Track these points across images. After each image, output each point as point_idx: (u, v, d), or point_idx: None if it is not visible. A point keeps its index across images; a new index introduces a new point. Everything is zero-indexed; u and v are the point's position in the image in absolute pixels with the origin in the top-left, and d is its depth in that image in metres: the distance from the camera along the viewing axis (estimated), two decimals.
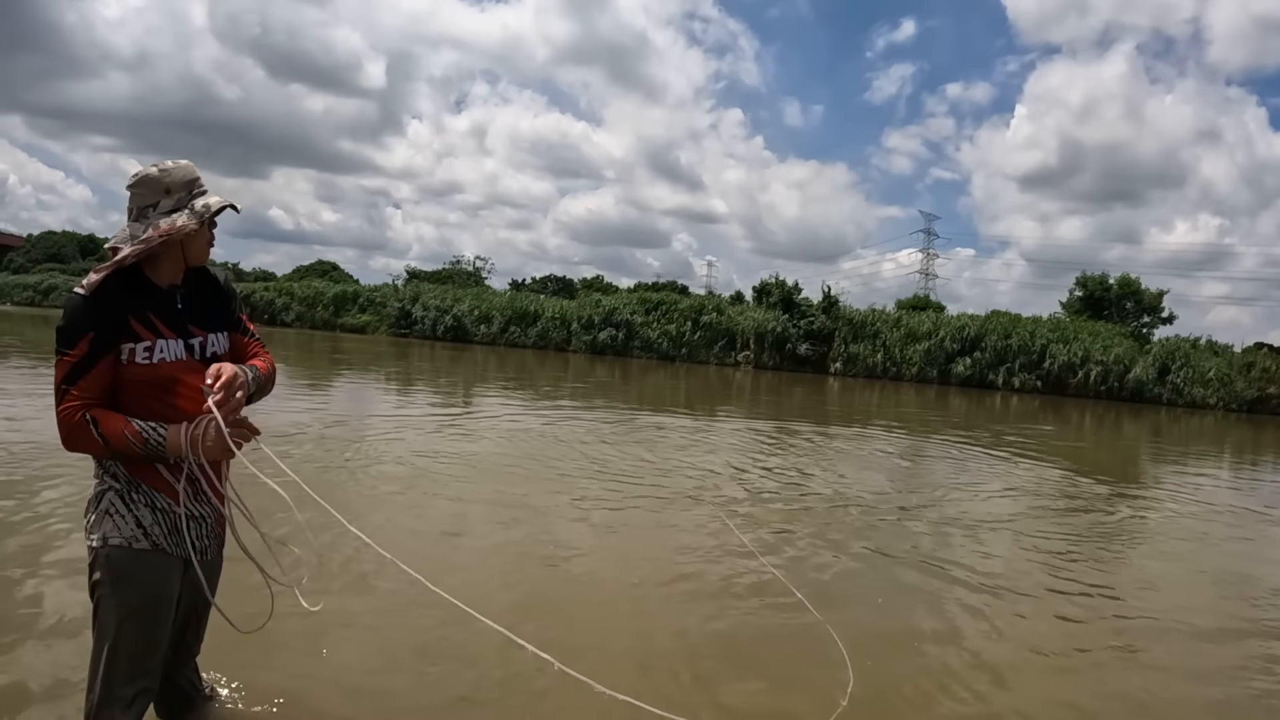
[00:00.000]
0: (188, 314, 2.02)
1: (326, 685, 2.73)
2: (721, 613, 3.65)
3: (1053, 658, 3.40)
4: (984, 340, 26.51)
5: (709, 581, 4.07)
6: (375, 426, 8.44)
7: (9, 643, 2.86)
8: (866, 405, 17.71)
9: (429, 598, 3.10)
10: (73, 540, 3.79)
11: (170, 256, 1.99)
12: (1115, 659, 3.46)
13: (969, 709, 2.87)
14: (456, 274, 48.23)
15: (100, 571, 1.94)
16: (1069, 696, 3.02)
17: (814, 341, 28.16)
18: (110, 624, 1.93)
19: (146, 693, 2.04)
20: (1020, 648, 3.48)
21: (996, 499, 6.92)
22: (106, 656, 1.93)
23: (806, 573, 4.30)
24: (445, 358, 24.63)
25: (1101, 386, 24.94)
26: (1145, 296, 31.04)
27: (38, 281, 50.42)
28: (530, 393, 14.78)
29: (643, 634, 3.35)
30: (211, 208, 1.98)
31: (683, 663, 3.10)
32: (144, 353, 1.90)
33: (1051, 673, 3.28)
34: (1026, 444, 11.40)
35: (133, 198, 1.96)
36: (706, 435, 10.00)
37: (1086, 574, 4.70)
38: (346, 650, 3.01)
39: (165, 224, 1.93)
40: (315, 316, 40.14)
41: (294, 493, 1.97)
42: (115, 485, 1.95)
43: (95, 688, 1.95)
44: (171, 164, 1.99)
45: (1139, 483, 9.07)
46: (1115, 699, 3.04)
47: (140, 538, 1.94)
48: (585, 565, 4.25)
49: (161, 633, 2.02)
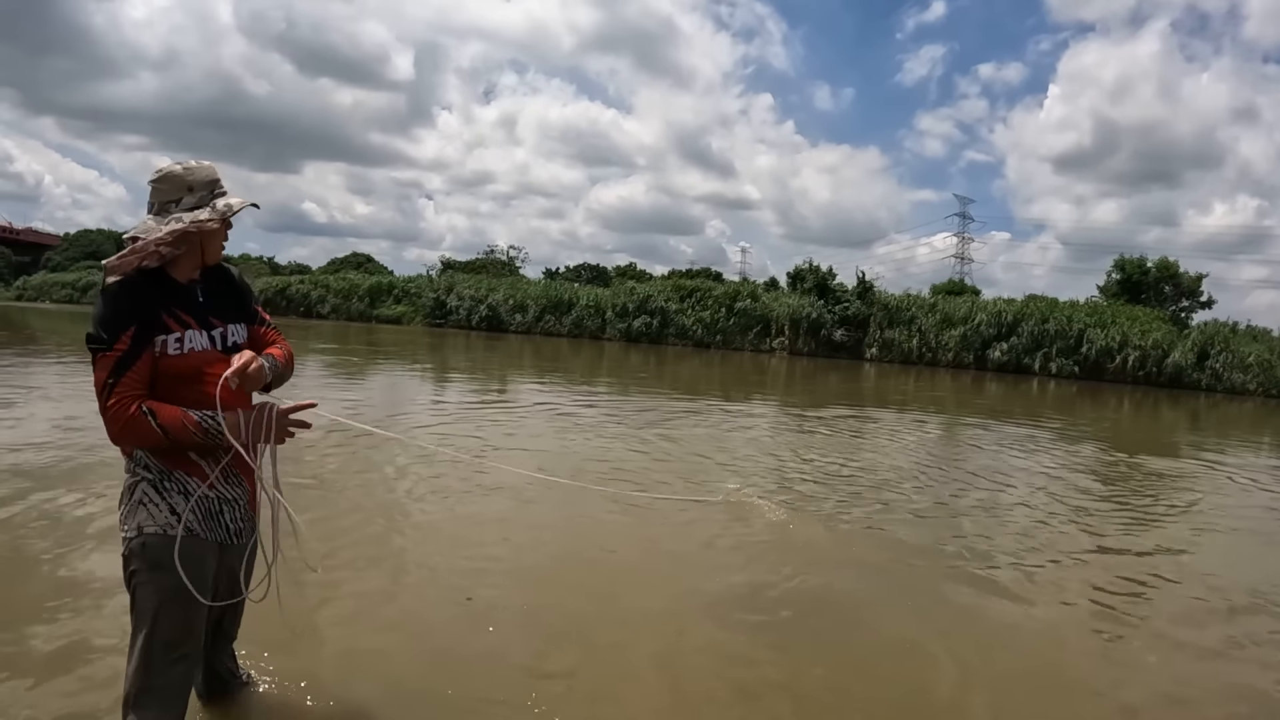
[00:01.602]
0: (208, 307, 2.08)
1: (360, 672, 2.75)
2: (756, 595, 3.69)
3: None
4: (1021, 325, 26.46)
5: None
6: (418, 415, 8.88)
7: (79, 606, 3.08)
8: (903, 390, 17.93)
9: (466, 579, 3.54)
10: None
11: (190, 253, 2.04)
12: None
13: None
14: (490, 264, 48.86)
15: (136, 561, 1.97)
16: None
17: (849, 327, 28.31)
18: (148, 611, 1.96)
19: (187, 678, 2.07)
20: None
21: (1048, 490, 7.13)
22: (144, 644, 1.96)
23: (851, 556, 4.41)
24: (481, 347, 25.14)
25: (1140, 372, 24.84)
26: (1184, 280, 30.71)
27: (75, 279, 51.55)
28: (575, 379, 15.22)
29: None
30: (234, 207, 2.05)
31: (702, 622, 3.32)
32: (175, 344, 1.96)
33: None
34: (1081, 431, 11.57)
35: (155, 192, 2.01)
36: (751, 419, 10.34)
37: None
38: (380, 636, 3.04)
39: (189, 217, 1.98)
40: (351, 308, 40.83)
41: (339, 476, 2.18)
42: (148, 475, 1.99)
43: (135, 675, 1.97)
44: (195, 163, 2.04)
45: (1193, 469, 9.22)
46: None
47: (175, 524, 1.97)
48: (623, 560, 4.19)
49: (199, 618, 2.04)
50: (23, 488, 4.73)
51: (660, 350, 28.42)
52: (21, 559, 3.63)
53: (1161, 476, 7.96)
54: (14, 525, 4.06)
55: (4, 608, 3.09)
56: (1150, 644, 3.49)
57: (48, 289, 52.46)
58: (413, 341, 25.52)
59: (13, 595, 3.22)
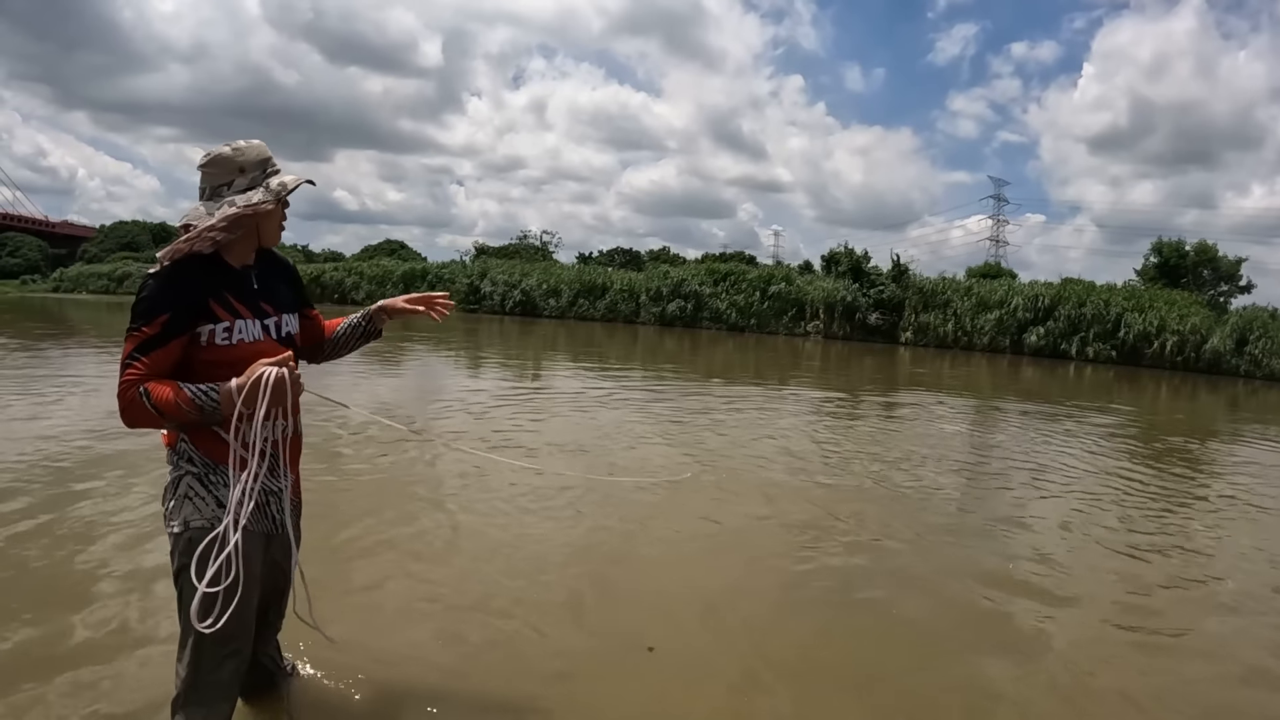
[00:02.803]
0: (262, 294, 2.02)
1: (405, 662, 2.76)
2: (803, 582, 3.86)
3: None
4: (1057, 309, 26.45)
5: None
6: (458, 397, 9.32)
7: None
8: (939, 375, 18.17)
9: (512, 567, 3.64)
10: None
11: (245, 237, 1.97)
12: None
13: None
14: (524, 249, 49.40)
15: (183, 556, 1.93)
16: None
17: (884, 311, 28.46)
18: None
19: (236, 675, 2.04)
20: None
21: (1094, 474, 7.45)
22: (195, 636, 1.91)
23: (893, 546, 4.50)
24: (515, 332, 25.58)
25: (1178, 357, 24.77)
26: (1222, 264, 30.52)
27: (111, 270, 52.15)
28: (612, 363, 15.65)
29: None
30: (288, 186, 1.97)
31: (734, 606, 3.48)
32: (223, 334, 1.90)
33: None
34: (1130, 420, 11.82)
35: (205, 177, 1.94)
36: (793, 406, 10.72)
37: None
38: (424, 627, 3.08)
39: (243, 200, 1.91)
40: (385, 295, 40.65)
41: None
42: (192, 469, 1.95)
43: (185, 671, 1.95)
44: (244, 143, 1.96)
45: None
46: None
47: (222, 517, 1.92)
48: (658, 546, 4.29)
49: (248, 610, 1.98)
50: (61, 478, 4.81)
51: (695, 334, 28.77)
52: (61, 555, 3.61)
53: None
54: (55, 519, 4.06)
55: (45, 603, 3.08)
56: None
57: (84, 280, 53.26)
58: (449, 327, 25.97)
59: (55, 590, 3.23)
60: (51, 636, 2.83)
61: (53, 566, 3.49)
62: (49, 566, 3.49)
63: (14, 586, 3.26)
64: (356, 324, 2.38)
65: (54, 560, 3.55)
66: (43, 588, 3.27)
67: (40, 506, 4.28)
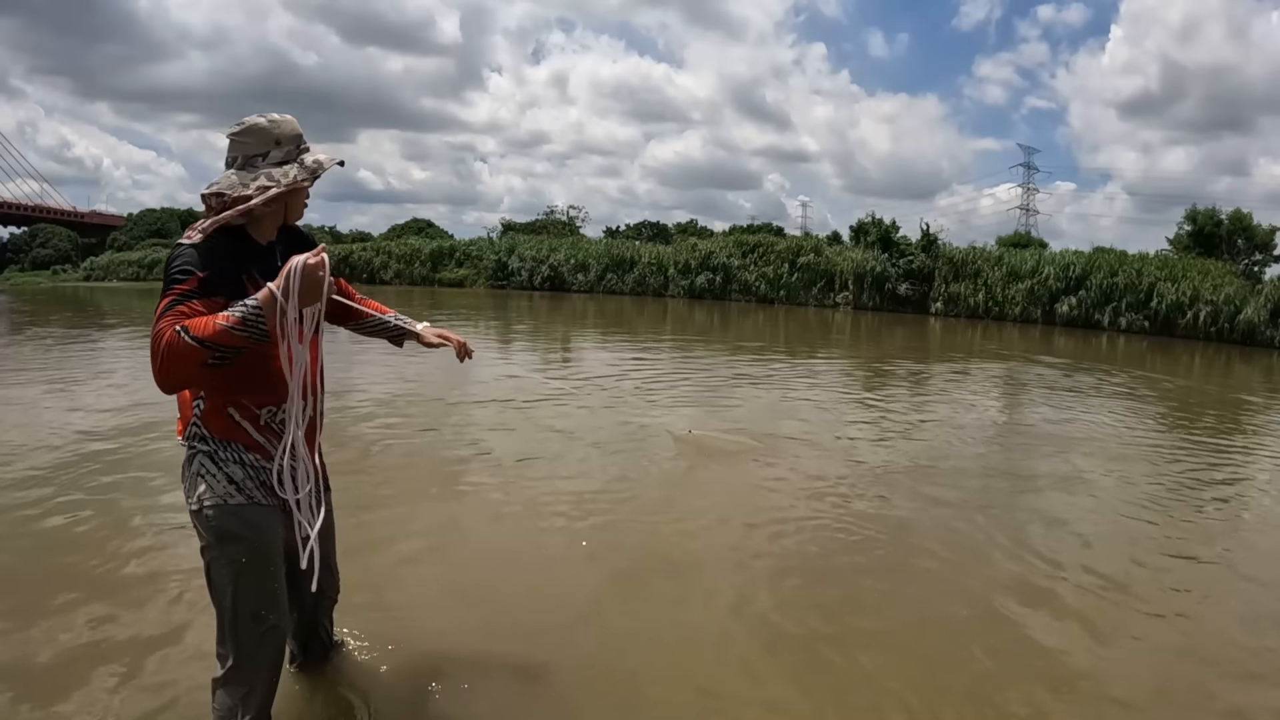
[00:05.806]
0: None
1: (445, 635, 2.83)
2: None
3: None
4: (1089, 278, 26.32)
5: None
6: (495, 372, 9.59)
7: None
8: (969, 345, 18.30)
9: (546, 547, 3.74)
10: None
11: (274, 213, 1.97)
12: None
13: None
14: (551, 224, 49.48)
15: (204, 533, 1.96)
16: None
17: (914, 281, 28.40)
18: (225, 583, 1.96)
19: (278, 651, 2.07)
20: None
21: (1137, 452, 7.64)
22: (230, 619, 1.96)
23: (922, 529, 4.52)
24: (545, 307, 25.83)
25: (1211, 328, 24.53)
26: (1257, 233, 30.10)
27: (141, 257, 52.18)
28: (647, 338, 15.95)
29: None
30: (324, 165, 1.96)
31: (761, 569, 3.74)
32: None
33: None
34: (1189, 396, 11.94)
35: (237, 146, 1.92)
36: (834, 377, 10.98)
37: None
38: (458, 601, 3.16)
39: (279, 174, 1.90)
40: (413, 273, 41.45)
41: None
42: (204, 448, 1.96)
43: (225, 649, 1.99)
44: (279, 116, 1.95)
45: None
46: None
47: (234, 493, 1.95)
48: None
49: (276, 583, 2.01)
50: (95, 468, 4.89)
51: (724, 306, 28.99)
52: (97, 537, 3.69)
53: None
54: (99, 504, 4.15)
55: (82, 589, 3.15)
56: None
57: (115, 268, 53.37)
58: (479, 304, 26.37)
59: (91, 576, 3.30)
60: (95, 624, 2.91)
61: (98, 557, 3.53)
62: (90, 557, 3.53)
63: (59, 576, 3.32)
64: (389, 325, 2.37)
65: (102, 552, 3.60)
66: (83, 579, 3.31)
67: (79, 503, 4.27)
